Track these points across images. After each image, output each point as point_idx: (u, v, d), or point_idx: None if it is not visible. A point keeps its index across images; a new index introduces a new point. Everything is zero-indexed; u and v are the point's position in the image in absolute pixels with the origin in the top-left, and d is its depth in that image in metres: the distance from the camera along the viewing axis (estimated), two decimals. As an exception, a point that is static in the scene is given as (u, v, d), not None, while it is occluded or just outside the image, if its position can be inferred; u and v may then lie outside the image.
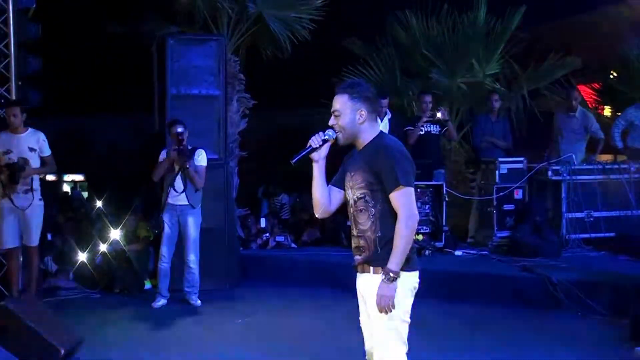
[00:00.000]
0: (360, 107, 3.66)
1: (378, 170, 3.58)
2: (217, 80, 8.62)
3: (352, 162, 3.75)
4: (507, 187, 9.23)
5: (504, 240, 9.12)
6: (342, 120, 3.66)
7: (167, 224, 7.58)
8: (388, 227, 3.58)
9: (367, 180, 3.61)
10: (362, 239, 3.66)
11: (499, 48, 10.93)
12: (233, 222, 9.02)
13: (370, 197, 3.61)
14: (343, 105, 3.66)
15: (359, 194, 3.65)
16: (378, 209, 3.60)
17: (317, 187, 3.75)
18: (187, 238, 7.59)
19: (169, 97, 8.48)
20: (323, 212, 3.81)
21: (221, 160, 8.62)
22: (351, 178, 3.70)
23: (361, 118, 3.66)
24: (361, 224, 3.65)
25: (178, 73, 8.49)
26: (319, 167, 3.73)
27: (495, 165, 9.37)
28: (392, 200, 3.55)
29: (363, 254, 3.67)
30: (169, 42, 8.50)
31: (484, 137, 9.84)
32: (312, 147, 3.68)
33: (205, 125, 8.55)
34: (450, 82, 10.75)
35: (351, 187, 3.70)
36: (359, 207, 3.65)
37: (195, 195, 7.60)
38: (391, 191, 3.54)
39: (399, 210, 3.53)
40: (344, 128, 3.66)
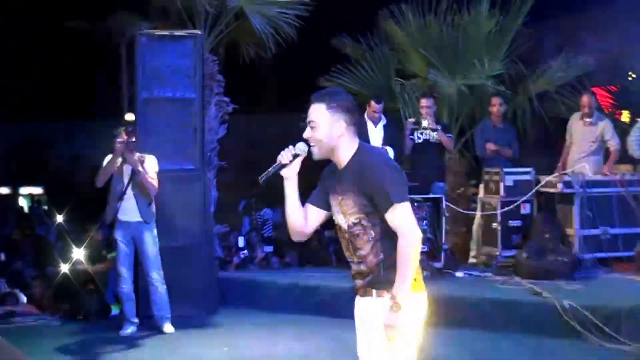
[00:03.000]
0: (339, 119, 3.62)
1: (368, 191, 3.57)
2: (193, 82, 8.63)
3: (336, 183, 3.73)
4: (513, 201, 9.25)
5: (509, 260, 9.11)
6: (318, 132, 3.63)
7: (121, 242, 7.56)
8: (391, 248, 3.57)
9: (360, 204, 3.60)
10: (363, 264, 3.66)
11: (503, 47, 10.97)
12: (211, 240, 9.02)
13: (367, 220, 3.61)
14: (319, 116, 3.63)
15: (354, 219, 3.64)
16: (377, 230, 3.60)
17: (290, 207, 3.74)
18: (145, 256, 7.59)
19: (139, 101, 8.48)
20: (298, 234, 3.80)
21: (198, 171, 8.62)
22: (340, 202, 3.68)
23: (340, 131, 3.64)
24: (360, 249, 3.65)
25: (150, 74, 8.50)
26: (291, 185, 3.72)
27: (499, 177, 9.40)
28: (389, 220, 3.54)
29: (365, 278, 3.68)
30: (140, 40, 8.51)
31: (486, 145, 9.87)
32: (282, 163, 3.67)
33: (180, 132, 8.57)
34: (450, 84, 10.78)
35: (343, 212, 3.68)
36: (355, 232, 3.65)
37: (148, 210, 7.60)
38: (386, 211, 3.54)
39: (398, 229, 3.53)
40: (320, 141, 3.63)
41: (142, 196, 7.54)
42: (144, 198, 7.54)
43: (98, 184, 7.54)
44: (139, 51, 8.47)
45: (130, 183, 7.52)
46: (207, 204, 8.93)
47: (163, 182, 7.84)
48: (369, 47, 11.41)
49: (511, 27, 10.93)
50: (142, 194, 7.53)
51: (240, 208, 12.16)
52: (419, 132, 9.49)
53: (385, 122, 9.60)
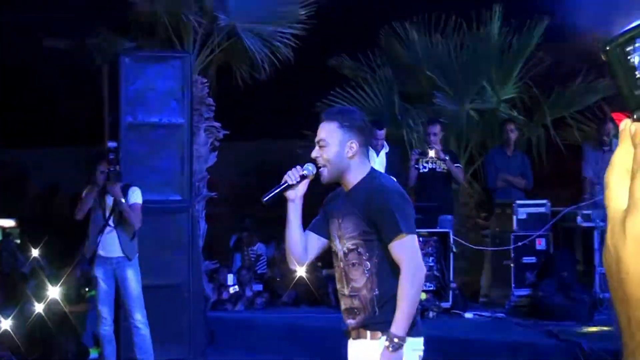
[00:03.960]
0: (351, 139, 3.67)
1: (373, 216, 3.59)
2: (181, 105, 8.65)
3: (338, 206, 3.76)
4: (527, 235, 9.23)
5: (523, 299, 9.11)
6: (327, 152, 3.66)
7: (101, 280, 7.54)
8: (387, 284, 3.58)
9: (361, 229, 3.62)
10: (356, 299, 3.65)
11: (516, 68, 11.04)
12: (199, 277, 8.99)
13: (365, 248, 3.62)
14: (330, 135, 3.67)
15: (351, 245, 3.65)
16: (374, 262, 3.61)
17: (292, 231, 3.77)
18: (128, 295, 7.54)
19: (123, 126, 8.48)
20: (297, 262, 3.85)
21: (185, 203, 8.61)
22: (339, 226, 3.70)
23: (351, 151, 3.67)
24: (354, 280, 3.65)
25: (134, 97, 8.52)
26: (295, 207, 3.74)
27: (512, 209, 9.38)
28: (393, 251, 3.56)
29: (357, 316, 3.66)
30: (123, 60, 8.52)
31: (498, 175, 9.89)
32: (288, 183, 3.68)
33: (166, 160, 8.58)
34: (459, 108, 10.84)
35: (340, 236, 3.70)
36: (350, 261, 3.66)
37: (131, 245, 7.56)
38: (391, 240, 3.55)
39: (401, 263, 3.54)
40: (330, 162, 3.66)
41: (125, 230, 7.51)
42: (126, 232, 7.52)
43: (77, 217, 7.52)
44: (122, 72, 8.49)
45: (112, 215, 7.50)
46: (195, 238, 8.92)
47: (147, 214, 7.80)
48: (370, 68, 11.47)
49: (525, 47, 10.99)
50: (124, 227, 7.51)
51: (231, 243, 12.10)
52: (424, 161, 9.49)
53: (388, 149, 9.61)
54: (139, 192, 7.61)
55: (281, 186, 3.69)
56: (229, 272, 10.47)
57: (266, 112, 12.97)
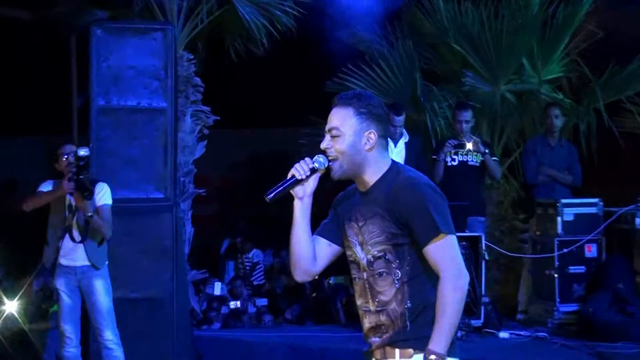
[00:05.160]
0: (369, 128, 3.67)
1: (404, 215, 3.57)
2: (163, 87, 8.67)
3: (354, 207, 3.74)
4: (575, 240, 9.24)
5: (570, 316, 9.12)
6: (341, 143, 3.66)
7: (63, 293, 7.52)
8: (421, 294, 3.58)
9: (389, 232, 3.60)
10: (384, 314, 3.64)
11: (561, 42, 10.99)
12: (184, 289, 9.00)
13: (394, 254, 3.61)
14: (345, 123, 3.66)
15: (377, 251, 3.63)
16: (405, 270, 3.60)
17: (299, 236, 3.76)
18: (96, 311, 7.50)
19: (93, 111, 8.47)
20: (304, 272, 3.82)
21: (168, 201, 8.63)
22: (361, 230, 3.68)
23: (369, 143, 3.67)
24: (382, 293, 3.64)
25: (107, 77, 8.52)
26: (303, 207, 3.74)
27: (556, 210, 9.39)
28: (430, 255, 3.55)
29: (385, 334, 3.65)
30: (95, 33, 8.51)
31: (540, 168, 9.87)
32: (296, 178, 3.68)
33: (145, 151, 8.60)
34: (492, 90, 10.80)
35: (362, 242, 3.68)
36: (377, 270, 3.64)
37: (99, 252, 7.51)
38: (428, 243, 3.53)
39: (440, 268, 3.53)
40: (344, 154, 3.66)
41: (91, 234, 7.48)
42: (92, 237, 7.48)
43: (25, 208, 7.48)
44: (93, 47, 8.47)
45: (75, 217, 7.46)
46: (180, 244, 8.92)
47: (123, 215, 7.84)
48: (387, 42, 11.40)
49: (573, 16, 10.93)
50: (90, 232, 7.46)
51: (222, 249, 12.11)
52: (453, 153, 9.46)
53: (408, 138, 9.57)
54: (108, 191, 7.54)
55: (288, 181, 3.68)
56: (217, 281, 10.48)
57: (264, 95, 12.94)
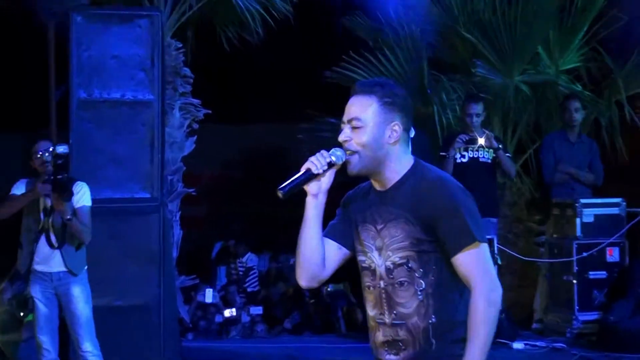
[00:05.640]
0: (394, 120, 3.61)
1: (432, 220, 3.50)
2: (149, 78, 8.65)
3: (371, 208, 3.66)
4: (595, 243, 9.24)
5: (590, 326, 9.12)
6: (362, 135, 3.58)
7: (39, 302, 7.47)
8: (447, 308, 3.52)
9: (414, 237, 3.52)
10: (403, 329, 3.56)
11: (580, 30, 10.99)
12: (172, 296, 8.98)
13: (418, 262, 3.52)
14: (367, 113, 3.58)
15: (399, 258, 3.54)
16: (430, 280, 3.52)
17: (309, 236, 3.68)
18: (74, 320, 7.45)
19: (74, 104, 8.45)
20: (311, 277, 3.73)
21: (155, 202, 8.61)
22: (380, 234, 3.59)
23: (393, 136, 3.60)
24: (401, 305, 3.56)
25: (89, 67, 8.50)
26: (317, 205, 3.66)
27: (575, 210, 9.39)
28: (461, 265, 3.47)
29: (403, 351, 3.58)
30: (75, 19, 8.48)
31: (558, 166, 9.85)
32: (312, 172, 3.59)
33: (130, 147, 8.58)
34: (505, 81, 10.78)
35: (380, 247, 3.59)
36: (397, 279, 3.56)
37: (77, 257, 7.43)
38: (459, 251, 3.46)
39: (472, 280, 3.45)
40: (365, 147, 3.57)
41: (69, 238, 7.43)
42: (69, 241, 7.43)
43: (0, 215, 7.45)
44: (73, 35, 8.45)
45: (51, 219, 7.40)
46: (168, 247, 8.90)
47: (106, 216, 7.80)
48: (392, 29, 11.36)
49: (593, 2, 10.92)
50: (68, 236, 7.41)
51: (213, 253, 12.11)
52: (463, 149, 9.43)
53: (414, 133, 9.52)
54: (87, 191, 7.45)
55: (303, 175, 3.59)
56: (208, 288, 10.50)
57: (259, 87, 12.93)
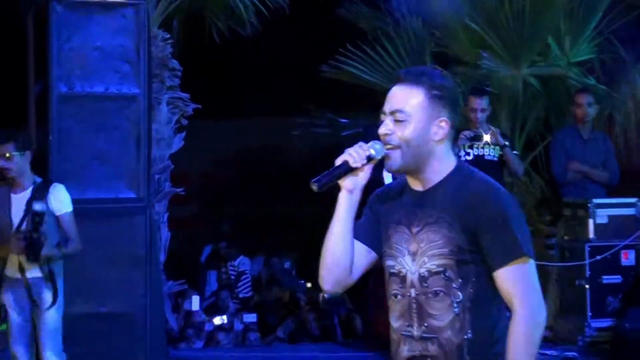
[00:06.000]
0: (441, 115, 3.54)
1: (477, 228, 3.43)
2: (135, 70, 8.65)
3: (406, 207, 3.58)
4: (610, 246, 9.20)
5: (603, 333, 9.10)
6: (407, 129, 3.51)
7: (12, 310, 7.41)
8: (485, 325, 3.46)
9: (454, 244, 3.44)
10: (434, 343, 3.49)
11: (593, 19, 10.95)
12: (159, 303, 8.99)
13: (456, 272, 3.45)
14: (414, 105, 3.52)
15: (435, 265, 3.47)
16: (468, 293, 3.45)
17: (340, 236, 3.58)
18: (40, 325, 7.38)
19: (54, 99, 8.44)
20: (336, 282, 3.62)
21: (141, 202, 8.61)
22: (415, 237, 3.52)
23: (440, 133, 3.54)
24: (434, 317, 3.48)
25: (70, 59, 8.50)
26: (352, 202, 3.56)
27: (587, 211, 9.36)
28: (505, 280, 3.41)
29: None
30: (54, 9, 8.46)
31: (569, 164, 9.81)
32: (349, 165, 3.50)
33: (115, 144, 8.57)
34: (513, 74, 10.76)
35: (415, 252, 3.52)
36: (432, 288, 3.48)
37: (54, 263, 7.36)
38: (504, 265, 3.40)
39: (518, 297, 3.40)
40: (409, 143, 3.51)
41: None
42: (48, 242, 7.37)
43: None
44: (53, 25, 8.45)
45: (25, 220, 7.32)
46: (155, 250, 8.91)
47: (89, 217, 7.75)
48: (393, 19, 11.36)
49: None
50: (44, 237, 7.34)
51: (203, 257, 12.12)
52: (467, 146, 9.38)
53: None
54: (66, 195, 7.37)
55: (339, 168, 3.50)
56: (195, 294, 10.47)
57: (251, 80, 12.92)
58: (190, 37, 10.76)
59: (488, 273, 3.45)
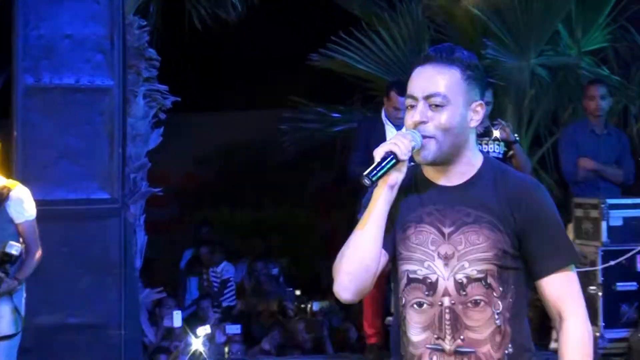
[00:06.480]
0: (476, 98, 3.47)
1: (524, 228, 3.38)
2: (108, 60, 8.69)
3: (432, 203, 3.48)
4: (624, 250, 9.15)
5: (617, 344, 9.13)
6: (446, 115, 3.41)
7: None
8: (522, 337, 3.42)
9: (500, 247, 3.37)
10: (471, 359, 3.42)
11: (606, 5, 11.00)
12: (135, 312, 9.00)
13: (498, 279, 3.38)
14: (453, 88, 3.42)
15: (477, 271, 3.38)
16: (508, 302, 3.39)
17: (372, 237, 3.44)
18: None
19: (19, 91, 8.47)
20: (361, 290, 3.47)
21: (115, 203, 8.66)
22: (448, 239, 3.41)
23: (475, 119, 3.47)
24: (473, 329, 3.40)
25: (38, 48, 8.54)
26: (390, 198, 3.46)
27: (600, 212, 9.33)
28: (554, 288, 3.38)
29: None
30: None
31: (581, 162, 9.79)
32: (397, 156, 3.39)
33: (86, 141, 8.59)
34: (519, 64, 10.80)
35: (448, 256, 3.41)
36: (472, 297, 3.39)
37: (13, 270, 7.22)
38: (554, 271, 3.38)
39: (570, 306, 3.39)
40: (449, 131, 3.41)
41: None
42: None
43: None
44: (19, 12, 8.49)
45: None
46: (130, 256, 8.90)
47: (58, 220, 7.85)
48: (389, 5, 11.37)
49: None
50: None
51: (182, 262, 12.16)
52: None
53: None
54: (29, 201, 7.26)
55: (388, 159, 3.38)
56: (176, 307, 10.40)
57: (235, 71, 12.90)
58: (169, 24, 10.78)
59: (526, 280, 3.41)
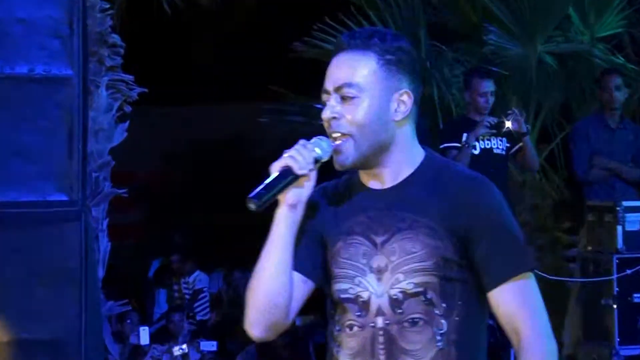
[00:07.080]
0: (401, 85, 3.26)
1: (468, 234, 3.24)
2: (67, 47, 8.52)
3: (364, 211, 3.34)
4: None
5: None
6: (359, 109, 3.21)
7: None
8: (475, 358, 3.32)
9: (440, 255, 3.23)
10: None
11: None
12: (97, 327, 8.91)
13: (439, 293, 3.25)
14: (365, 76, 3.23)
15: (413, 285, 3.25)
16: (454, 321, 3.25)
17: (277, 266, 3.33)
18: None
19: None
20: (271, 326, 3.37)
21: (74, 206, 8.47)
22: (381, 249, 3.28)
23: (401, 110, 3.26)
24: (411, 353, 3.27)
25: None
26: (294, 220, 3.32)
27: (615, 216, 9.37)
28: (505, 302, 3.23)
29: None
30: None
31: (594, 159, 9.85)
32: (295, 172, 3.25)
33: (42, 137, 8.45)
34: (525, 51, 10.89)
35: (381, 269, 3.28)
36: (409, 316, 3.26)
37: None
38: (504, 281, 3.23)
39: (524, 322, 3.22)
40: (364, 127, 3.22)
41: None
42: None
43: None
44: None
45: None
46: (91, 264, 8.78)
47: (10, 225, 7.79)
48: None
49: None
50: None
51: (151, 271, 12.21)
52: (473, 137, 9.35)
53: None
54: None
55: (283, 176, 3.25)
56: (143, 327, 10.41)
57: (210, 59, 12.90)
58: (135, 7, 10.81)
59: (477, 294, 3.27)
